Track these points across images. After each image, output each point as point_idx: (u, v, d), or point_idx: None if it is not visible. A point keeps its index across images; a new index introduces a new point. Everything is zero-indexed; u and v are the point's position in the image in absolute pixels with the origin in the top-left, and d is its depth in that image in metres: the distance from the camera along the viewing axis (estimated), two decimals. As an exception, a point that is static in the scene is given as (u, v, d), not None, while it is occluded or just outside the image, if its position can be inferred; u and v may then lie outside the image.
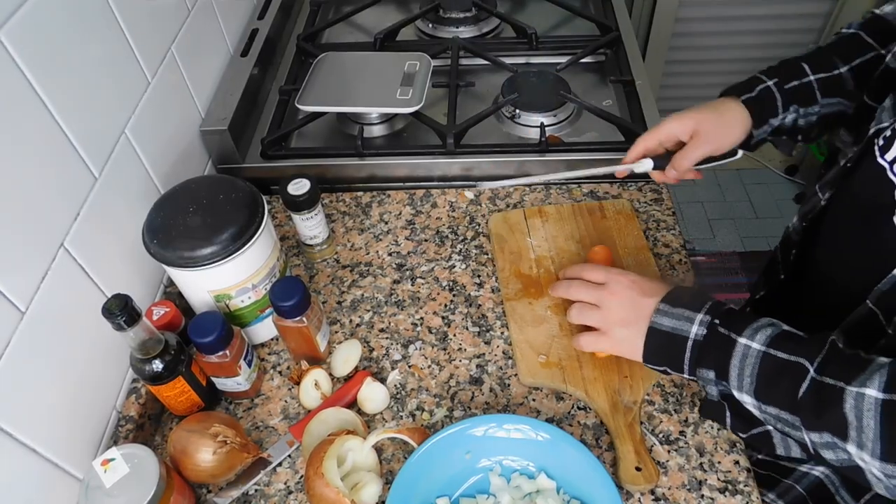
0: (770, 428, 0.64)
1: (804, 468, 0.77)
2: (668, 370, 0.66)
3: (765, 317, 0.62)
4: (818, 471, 0.76)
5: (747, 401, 0.59)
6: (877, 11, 0.76)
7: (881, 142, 0.62)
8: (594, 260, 0.82)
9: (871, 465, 0.52)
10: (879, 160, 0.62)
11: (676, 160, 0.74)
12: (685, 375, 0.65)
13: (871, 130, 0.64)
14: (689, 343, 0.62)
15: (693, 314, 0.63)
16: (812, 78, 0.74)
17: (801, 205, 0.78)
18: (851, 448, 0.52)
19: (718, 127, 0.73)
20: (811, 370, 0.55)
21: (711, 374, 0.61)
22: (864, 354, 0.55)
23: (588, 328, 0.72)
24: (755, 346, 0.58)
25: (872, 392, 0.51)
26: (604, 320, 0.69)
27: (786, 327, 0.60)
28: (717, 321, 0.61)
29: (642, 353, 0.66)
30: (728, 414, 0.66)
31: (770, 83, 0.74)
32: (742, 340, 0.59)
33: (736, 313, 0.63)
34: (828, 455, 0.55)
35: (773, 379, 0.57)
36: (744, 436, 0.68)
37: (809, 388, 0.55)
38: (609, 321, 0.69)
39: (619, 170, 0.79)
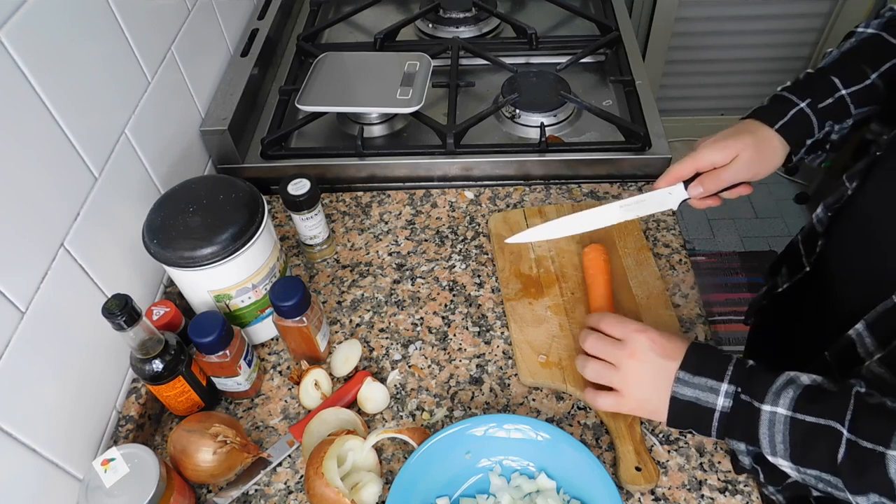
0: None
1: None
2: (695, 433, 0.64)
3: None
4: None
5: (784, 464, 0.58)
6: None
7: None
8: (588, 257, 0.81)
9: None
10: None
11: (708, 180, 0.71)
12: (713, 438, 0.64)
13: None
14: (716, 415, 0.60)
15: (717, 384, 0.60)
16: (844, 92, 0.71)
17: (824, 195, 0.76)
18: None
19: (759, 156, 0.70)
20: (844, 432, 0.54)
21: (742, 446, 0.61)
22: (889, 404, 0.54)
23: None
24: (780, 411, 0.57)
25: None
26: (623, 383, 0.66)
27: (806, 380, 0.58)
28: (739, 389, 0.59)
29: (666, 418, 0.64)
30: (761, 473, 0.65)
31: (803, 105, 0.70)
32: (766, 408, 0.58)
33: (755, 374, 0.60)
34: None
35: (808, 443, 0.56)
36: (779, 488, 0.67)
37: (847, 451, 0.53)
38: (629, 384, 0.65)
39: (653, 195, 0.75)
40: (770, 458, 0.59)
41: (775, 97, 0.73)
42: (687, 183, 0.73)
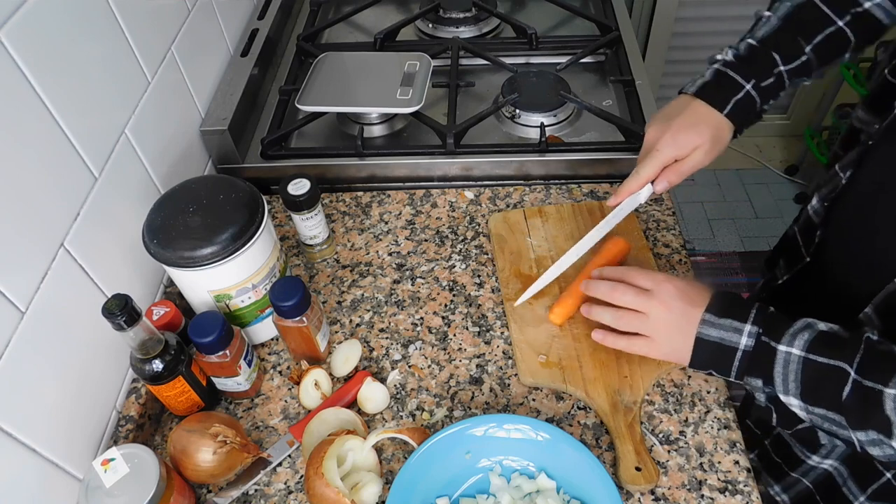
0: None
1: (813, 461, 0.78)
2: (714, 373, 0.67)
3: (800, 316, 0.63)
4: (827, 464, 0.78)
5: (794, 403, 0.61)
6: None
7: None
8: (605, 247, 0.81)
9: None
10: None
11: (671, 174, 0.74)
12: (731, 380, 0.66)
13: None
14: (739, 354, 0.64)
15: (741, 325, 0.63)
16: (783, 69, 0.73)
17: (819, 187, 0.78)
18: None
19: (715, 144, 0.73)
20: (851, 373, 0.57)
21: (760, 382, 0.63)
22: None
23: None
24: (795, 351, 0.60)
25: None
26: (653, 330, 0.69)
27: (822, 327, 0.61)
28: (761, 330, 0.63)
29: (689, 360, 0.67)
30: (774, 414, 0.67)
31: (748, 87, 0.72)
32: (782, 348, 0.61)
33: (775, 318, 0.63)
34: (875, 451, 0.58)
35: (817, 383, 0.59)
36: (789, 431, 0.70)
37: (852, 390, 0.57)
38: (659, 331, 0.68)
39: (622, 200, 0.77)
40: (782, 398, 0.61)
41: (721, 75, 0.74)
42: None
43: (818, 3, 0.73)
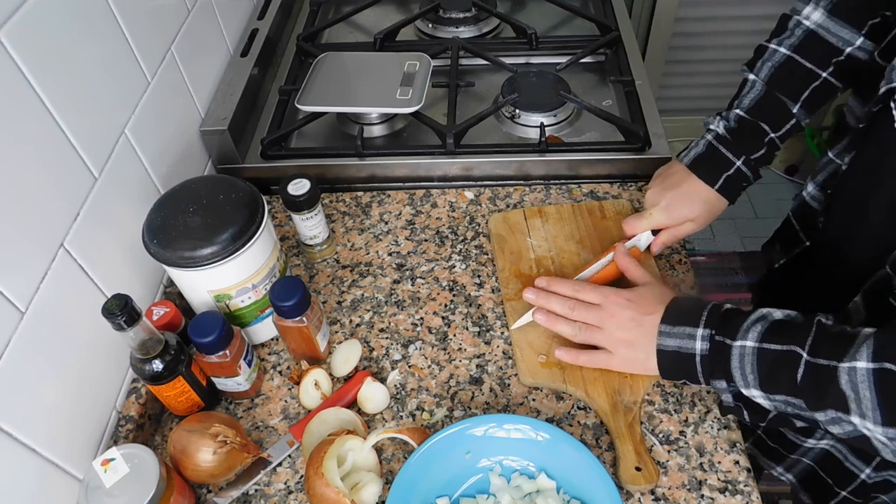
0: None
1: (809, 443, 0.80)
2: (688, 382, 0.68)
3: (763, 307, 0.64)
4: (824, 443, 0.79)
5: (756, 395, 0.62)
6: (809, 25, 0.74)
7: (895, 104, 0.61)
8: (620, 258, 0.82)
9: (875, 432, 0.55)
10: None
11: (668, 237, 0.82)
12: (704, 386, 0.68)
13: (883, 90, 0.62)
14: (698, 359, 0.65)
15: (694, 330, 0.65)
16: (773, 136, 0.76)
17: (816, 173, 0.80)
18: (855, 419, 0.55)
19: (708, 216, 0.80)
20: (804, 355, 0.58)
21: (723, 383, 0.64)
22: (849, 329, 0.58)
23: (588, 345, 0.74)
24: (749, 343, 0.61)
25: (862, 364, 0.54)
26: (609, 341, 0.71)
27: (777, 316, 0.62)
28: (714, 332, 0.64)
29: (658, 371, 0.68)
30: (745, 412, 0.68)
31: (739, 163, 0.76)
32: (737, 343, 0.62)
33: (730, 316, 0.64)
34: (835, 429, 0.58)
35: (773, 370, 0.60)
36: (763, 424, 0.71)
37: (805, 371, 0.57)
38: (615, 342, 0.70)
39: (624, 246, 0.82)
40: (744, 392, 0.63)
41: (713, 150, 0.78)
42: None
43: (799, 60, 0.74)
